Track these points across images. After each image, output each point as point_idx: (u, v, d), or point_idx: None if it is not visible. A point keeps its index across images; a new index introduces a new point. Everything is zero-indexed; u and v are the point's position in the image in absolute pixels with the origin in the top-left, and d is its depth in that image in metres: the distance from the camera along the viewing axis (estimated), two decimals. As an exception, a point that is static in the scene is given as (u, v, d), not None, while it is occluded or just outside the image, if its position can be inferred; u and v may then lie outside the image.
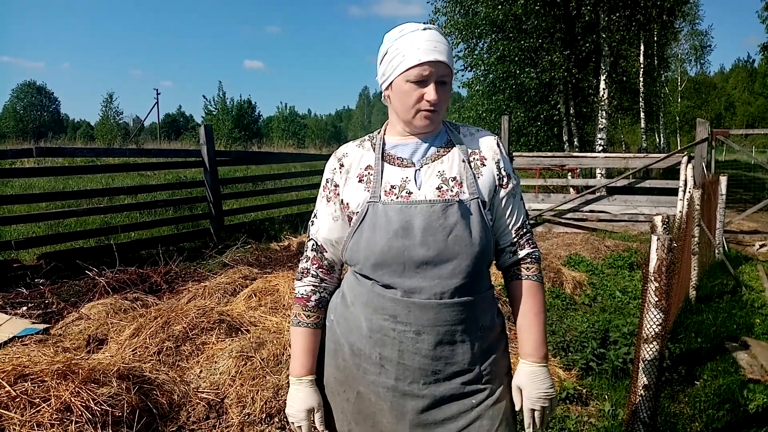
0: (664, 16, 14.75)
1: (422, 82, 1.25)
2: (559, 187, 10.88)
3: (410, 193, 1.28)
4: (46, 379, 2.37)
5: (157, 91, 47.83)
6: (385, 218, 1.26)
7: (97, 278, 4.88)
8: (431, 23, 1.67)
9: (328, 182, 1.39)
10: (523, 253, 1.38)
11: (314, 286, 1.42)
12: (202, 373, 3.01)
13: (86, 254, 5.82)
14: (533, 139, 17.21)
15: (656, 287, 1.87)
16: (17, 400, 2.24)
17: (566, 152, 13.33)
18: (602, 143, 13.70)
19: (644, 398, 1.97)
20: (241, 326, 3.55)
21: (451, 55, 1.28)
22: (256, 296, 4.11)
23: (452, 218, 1.25)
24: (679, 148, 12.03)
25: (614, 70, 14.90)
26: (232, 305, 4.02)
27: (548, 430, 2.70)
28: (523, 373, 1.35)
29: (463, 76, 17.77)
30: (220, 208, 7.59)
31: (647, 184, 9.61)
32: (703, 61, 38.67)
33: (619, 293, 5.21)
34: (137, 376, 2.69)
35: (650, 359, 1.95)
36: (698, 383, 3.33)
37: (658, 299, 1.88)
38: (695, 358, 3.67)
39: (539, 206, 9.39)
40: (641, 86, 18.30)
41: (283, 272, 4.65)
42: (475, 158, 1.34)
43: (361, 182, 1.33)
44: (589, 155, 9.97)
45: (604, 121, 13.80)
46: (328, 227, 1.38)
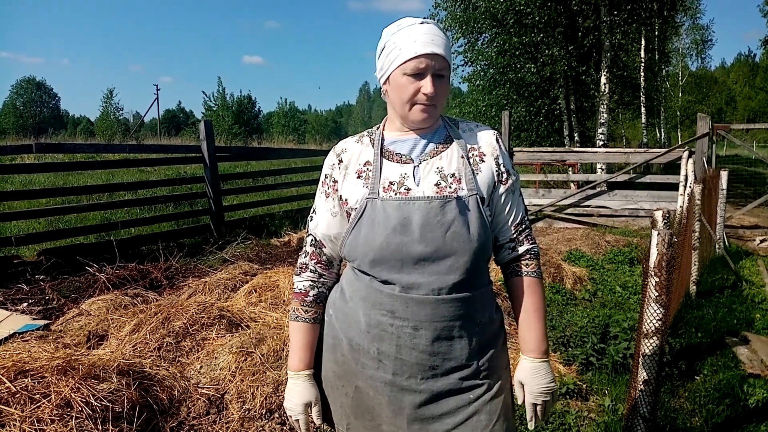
0: (665, 10, 14.70)
1: (419, 75, 1.24)
2: (559, 182, 10.86)
3: (409, 189, 1.28)
4: (46, 375, 2.38)
5: (156, 86, 47.73)
6: (383, 214, 1.26)
7: (97, 274, 4.89)
8: (431, 18, 1.66)
9: (326, 178, 1.39)
10: (522, 249, 1.38)
11: (313, 281, 1.42)
12: (202, 368, 3.01)
13: (86, 250, 5.82)
14: (534, 134, 17.20)
15: (656, 282, 1.87)
16: (17, 396, 2.24)
17: (567, 147, 13.31)
18: (603, 138, 13.67)
19: (644, 393, 1.98)
20: (241, 322, 3.55)
21: (448, 49, 1.27)
22: (256, 292, 4.12)
23: (450, 214, 1.25)
24: (680, 143, 12.00)
25: (615, 64, 14.85)
26: (232, 301, 4.03)
27: (548, 425, 2.71)
28: (524, 368, 1.36)
29: (463, 71, 17.74)
30: (220, 203, 7.58)
31: (648, 179, 9.58)
32: (704, 55, 38.43)
33: (619, 288, 5.21)
34: (137, 371, 2.70)
35: (650, 354, 1.95)
36: (698, 378, 3.33)
37: (658, 294, 1.88)
38: (695, 353, 3.67)
39: (540, 201, 9.37)
40: (642, 81, 18.22)
41: (283, 268, 4.65)
42: (474, 154, 1.34)
43: (359, 178, 1.33)
44: (589, 150, 9.96)
45: (604, 115, 13.77)
46: (326, 223, 1.38)
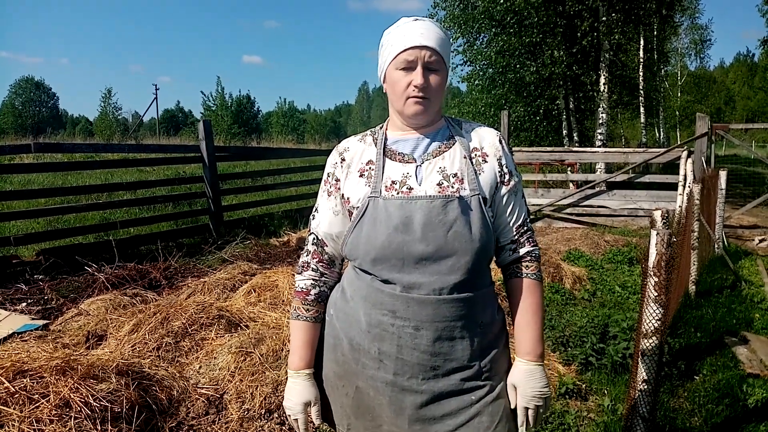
0: (663, 10, 14.70)
1: (410, 68, 1.25)
2: (558, 182, 10.87)
3: (411, 188, 1.28)
4: (45, 375, 2.37)
5: (155, 86, 47.73)
6: (385, 213, 1.26)
7: (96, 274, 4.88)
8: (430, 17, 1.66)
9: (329, 176, 1.39)
10: (523, 251, 1.37)
11: (314, 280, 1.42)
12: (201, 368, 3.01)
13: (85, 250, 5.81)
14: (533, 133, 17.20)
15: (656, 282, 1.87)
16: (16, 396, 2.24)
17: (566, 147, 13.31)
18: (602, 138, 13.67)
19: (643, 393, 1.97)
20: (240, 322, 3.55)
21: (443, 43, 1.27)
22: (255, 292, 4.11)
23: (452, 214, 1.24)
24: (678, 142, 12.01)
25: (614, 64, 14.86)
26: (231, 301, 4.02)
27: (548, 425, 2.71)
28: (518, 371, 1.34)
29: (462, 70, 17.75)
30: (219, 203, 7.57)
31: (647, 178, 9.59)
32: (703, 55, 38.49)
33: (618, 288, 5.21)
34: (136, 372, 2.69)
35: (649, 354, 1.95)
36: (697, 378, 3.33)
37: (657, 294, 1.87)
38: (694, 352, 3.67)
39: (539, 201, 9.37)
40: (641, 81, 18.23)
41: (282, 268, 4.64)
42: (476, 154, 1.34)
43: (362, 177, 1.33)
44: (588, 150, 9.97)
45: (603, 115, 13.77)
46: (328, 221, 1.38)
